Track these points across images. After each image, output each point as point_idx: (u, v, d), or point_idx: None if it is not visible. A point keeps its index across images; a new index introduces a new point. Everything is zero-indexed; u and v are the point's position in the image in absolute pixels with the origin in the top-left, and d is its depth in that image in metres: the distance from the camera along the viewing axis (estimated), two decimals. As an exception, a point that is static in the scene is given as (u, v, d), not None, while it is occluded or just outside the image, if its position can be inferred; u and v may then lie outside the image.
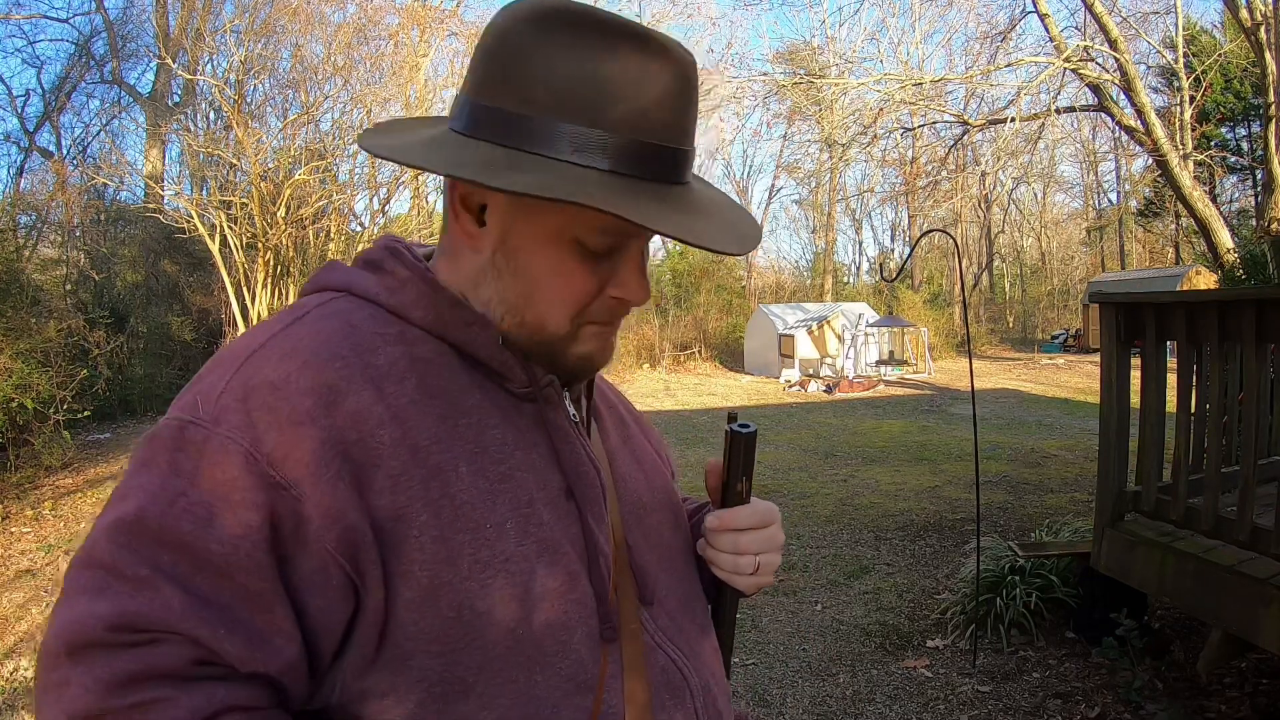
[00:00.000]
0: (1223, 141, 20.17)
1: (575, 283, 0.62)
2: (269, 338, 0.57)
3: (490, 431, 0.60)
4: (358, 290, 0.63)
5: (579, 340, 0.65)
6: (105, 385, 9.41)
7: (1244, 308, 2.57)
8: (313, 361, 0.55)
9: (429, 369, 0.60)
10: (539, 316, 0.63)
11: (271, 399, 0.53)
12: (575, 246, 0.61)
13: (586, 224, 0.60)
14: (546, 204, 0.58)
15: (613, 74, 0.56)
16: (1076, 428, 9.20)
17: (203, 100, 15.42)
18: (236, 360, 0.55)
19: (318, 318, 0.59)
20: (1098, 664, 3.16)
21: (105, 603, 0.49)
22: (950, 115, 11.08)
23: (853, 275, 32.65)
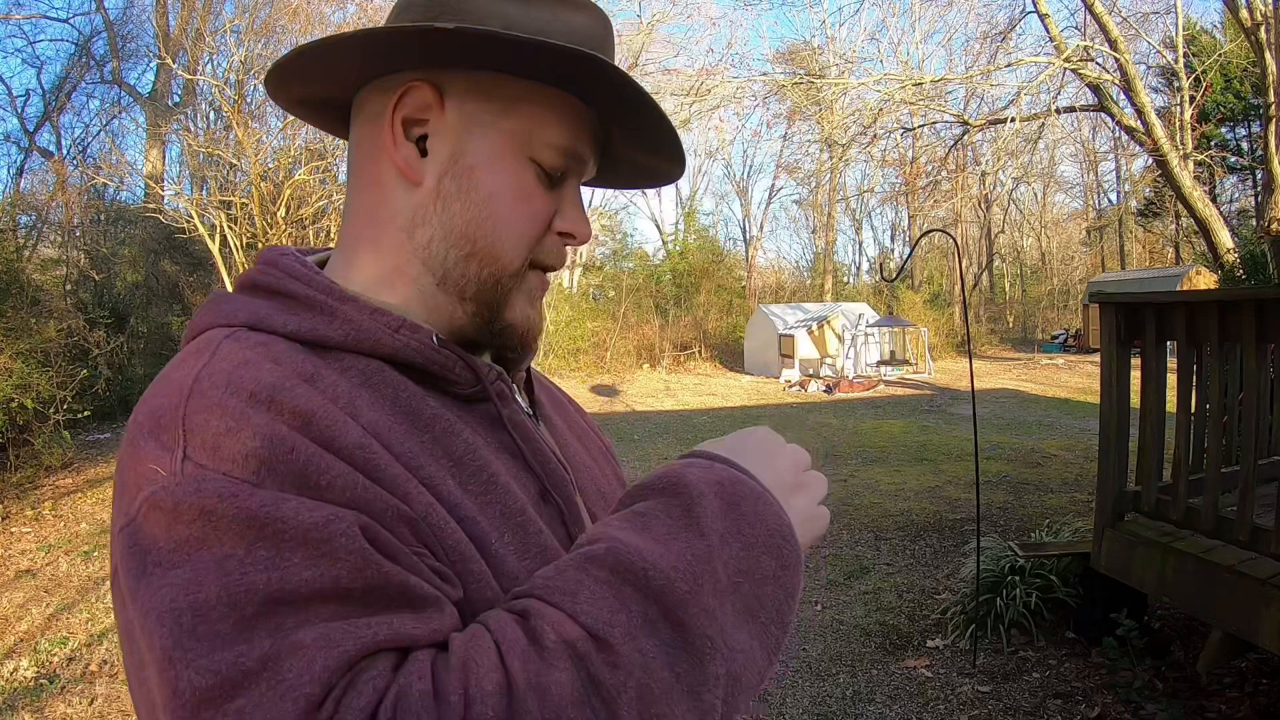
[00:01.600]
0: (1223, 141, 20.18)
1: (536, 203, 0.58)
2: (193, 380, 0.46)
3: (457, 439, 0.54)
4: (262, 324, 0.53)
5: (520, 291, 0.60)
6: (105, 385, 9.41)
7: (1244, 308, 2.57)
8: (259, 392, 0.46)
9: (373, 388, 0.52)
10: (493, 244, 0.58)
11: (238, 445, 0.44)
12: (530, 166, 0.58)
13: (542, 137, 0.58)
14: (502, 114, 0.56)
15: (549, 17, 0.57)
16: (1076, 428, 9.20)
17: (203, 100, 15.44)
18: (174, 425, 0.45)
19: (231, 354, 0.49)
20: (1098, 664, 3.16)
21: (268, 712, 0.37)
22: (950, 115, 11.08)
23: (853, 275, 32.69)
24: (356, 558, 0.42)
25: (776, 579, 0.49)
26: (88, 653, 3.92)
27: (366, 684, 0.39)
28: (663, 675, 0.41)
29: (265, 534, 0.41)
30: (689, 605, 0.43)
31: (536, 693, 0.39)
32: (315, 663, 0.38)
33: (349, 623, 0.40)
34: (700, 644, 0.43)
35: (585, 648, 0.41)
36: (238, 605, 0.39)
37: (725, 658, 0.44)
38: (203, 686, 0.38)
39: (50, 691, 3.53)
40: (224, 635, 0.38)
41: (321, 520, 0.42)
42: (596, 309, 19.92)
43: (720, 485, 0.49)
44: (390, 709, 0.37)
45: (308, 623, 0.40)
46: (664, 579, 0.43)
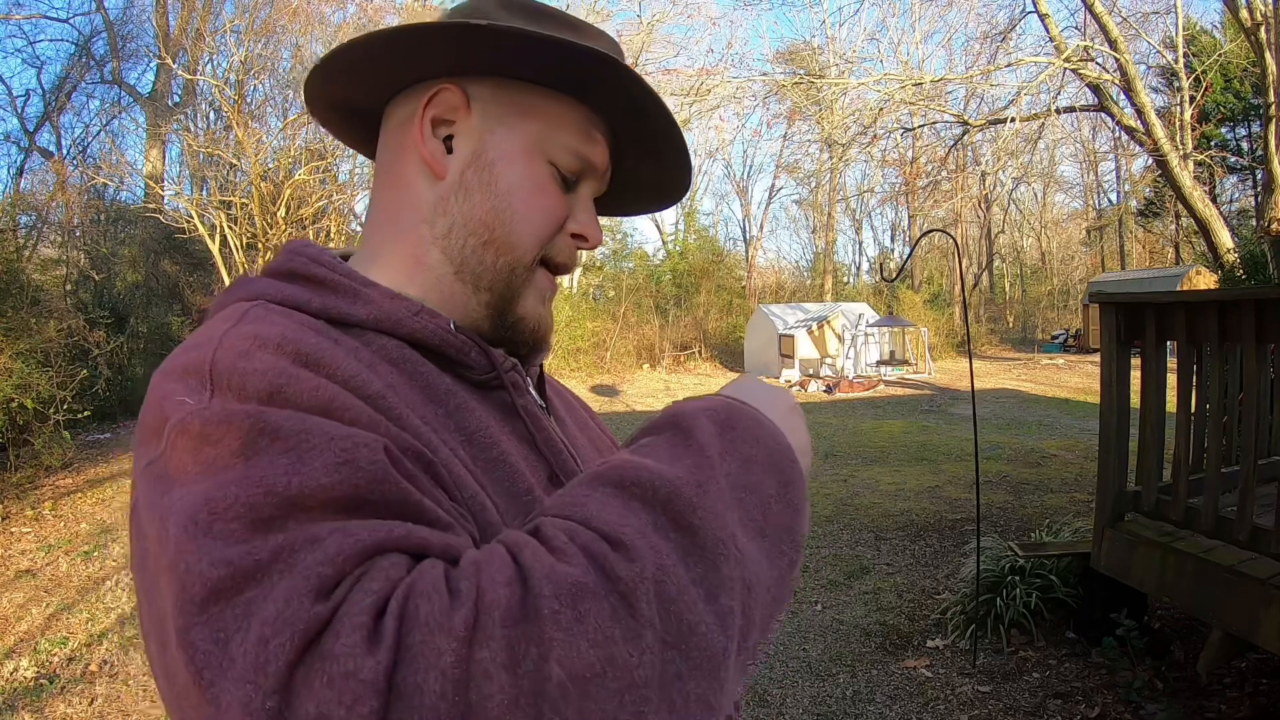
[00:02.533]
0: (1223, 141, 20.18)
1: (552, 201, 0.62)
2: (220, 337, 0.47)
3: (470, 416, 0.56)
4: (285, 301, 0.55)
5: (531, 286, 0.63)
6: (105, 385, 9.41)
7: (1244, 308, 2.57)
8: (285, 345, 0.47)
9: (393, 362, 0.55)
10: (509, 234, 0.60)
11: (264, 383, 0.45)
12: (548, 168, 0.61)
13: (560, 140, 0.61)
14: (523, 117, 0.61)
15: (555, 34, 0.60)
16: (1076, 428, 9.20)
17: (203, 100, 15.46)
18: (201, 371, 0.45)
19: (260, 317, 0.51)
20: (1098, 664, 3.16)
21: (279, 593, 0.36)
22: (950, 115, 11.08)
23: (853, 275, 32.69)
24: (379, 470, 0.41)
25: (782, 497, 0.49)
26: (88, 653, 3.92)
27: (380, 573, 0.37)
28: (679, 573, 0.40)
29: (289, 444, 0.41)
30: (698, 509, 0.43)
31: (551, 581, 0.37)
32: (330, 548, 0.37)
33: (364, 523, 0.40)
34: (714, 546, 0.42)
35: (599, 547, 0.40)
36: (256, 507, 0.38)
37: (739, 562, 0.43)
38: (214, 578, 0.37)
39: (50, 691, 3.53)
40: (239, 533, 0.38)
41: (346, 434, 0.42)
42: (596, 309, 19.92)
43: (714, 411, 0.50)
44: (402, 596, 0.36)
45: (329, 520, 0.39)
46: (670, 487, 0.43)
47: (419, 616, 0.35)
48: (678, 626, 0.39)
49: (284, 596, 0.36)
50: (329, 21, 13.88)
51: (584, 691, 0.35)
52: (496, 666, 0.34)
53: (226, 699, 0.34)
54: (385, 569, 0.38)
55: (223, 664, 0.35)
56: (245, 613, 0.36)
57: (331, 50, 0.60)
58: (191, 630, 0.36)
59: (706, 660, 0.39)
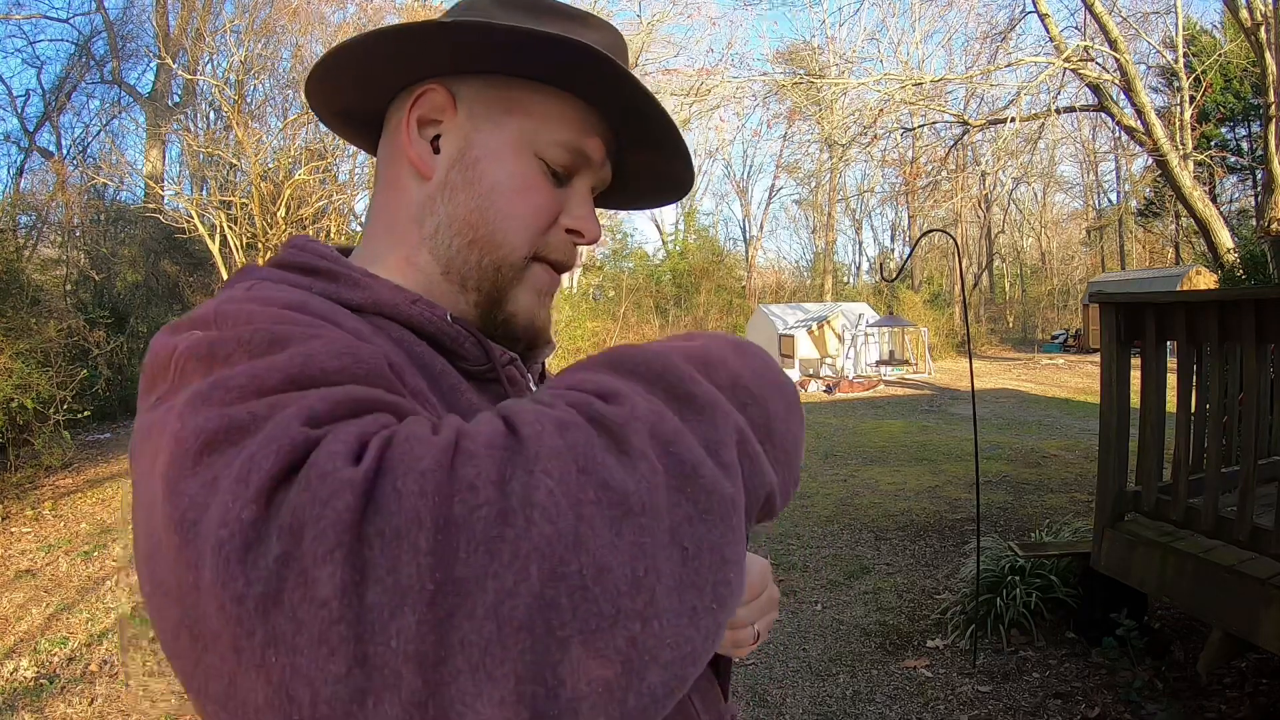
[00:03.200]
0: (1223, 141, 20.18)
1: (540, 197, 0.60)
2: (225, 299, 0.47)
3: (462, 399, 0.55)
4: (291, 283, 0.55)
5: (524, 282, 0.62)
6: (105, 385, 9.42)
7: (1244, 308, 2.57)
8: (289, 305, 0.47)
9: (392, 341, 0.55)
10: (493, 233, 0.60)
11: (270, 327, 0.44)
12: (535, 162, 0.60)
13: (548, 134, 0.60)
14: (509, 113, 0.60)
15: (554, 29, 0.58)
16: (1076, 428, 9.20)
17: (203, 100, 15.46)
18: (208, 322, 0.45)
19: (270, 288, 0.51)
20: (1098, 664, 3.16)
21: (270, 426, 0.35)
22: (950, 115, 11.08)
23: (853, 275, 32.71)
24: (378, 367, 0.42)
25: (789, 416, 0.45)
26: (88, 653, 3.92)
27: (367, 415, 0.36)
28: (674, 421, 0.37)
29: (294, 340, 0.41)
30: (697, 380, 0.40)
31: (535, 417, 0.35)
32: (323, 394, 0.37)
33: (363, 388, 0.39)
34: (711, 408, 0.39)
35: (584, 397, 0.37)
36: (258, 377, 0.37)
37: (738, 424, 0.40)
38: (209, 429, 0.35)
39: (50, 691, 3.53)
40: (240, 397, 0.37)
41: (354, 343, 0.42)
42: (596, 309, 19.93)
43: (733, 340, 0.49)
44: (388, 432, 0.34)
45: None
46: (664, 362, 0.41)
47: (402, 434, 0.34)
48: (679, 467, 0.35)
49: (274, 423, 0.34)
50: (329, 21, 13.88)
51: (578, 514, 0.32)
52: (483, 481, 0.32)
53: (206, 523, 0.32)
54: (375, 415, 0.37)
55: (209, 500, 0.33)
56: (239, 453, 0.34)
57: (317, 62, 0.61)
58: (182, 482, 0.34)
59: (716, 505, 0.36)
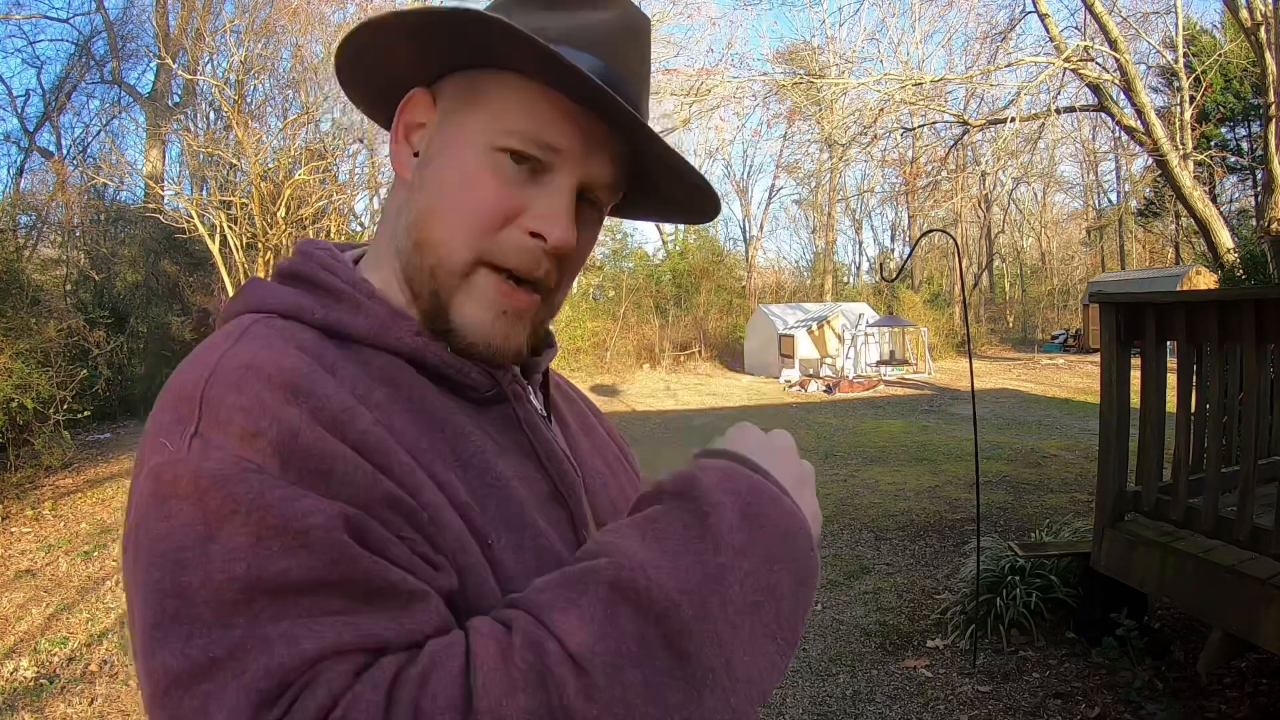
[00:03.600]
0: (1223, 141, 20.17)
1: (481, 193, 0.55)
2: (218, 360, 0.48)
3: (466, 442, 0.55)
4: (289, 312, 0.55)
5: (468, 291, 0.56)
6: (105, 385, 9.42)
7: (1244, 308, 2.57)
8: (277, 376, 0.47)
9: (391, 384, 0.54)
10: (431, 233, 0.56)
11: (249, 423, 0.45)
12: (491, 156, 0.55)
13: (503, 123, 0.55)
14: (469, 106, 0.57)
15: (577, 20, 0.57)
16: (1076, 428, 9.20)
17: (203, 100, 15.45)
18: (193, 400, 0.46)
19: (259, 336, 0.51)
20: (1098, 664, 3.16)
21: (226, 701, 0.38)
22: (950, 115, 11.08)
23: (853, 275, 32.70)
24: (335, 550, 0.42)
25: (794, 595, 0.46)
26: (88, 653, 3.92)
27: (323, 686, 0.38)
28: (647, 710, 0.38)
29: (250, 521, 0.41)
30: (694, 634, 0.40)
31: (492, 715, 0.37)
32: (274, 659, 0.39)
33: (315, 621, 0.40)
34: (701, 676, 0.40)
35: (562, 673, 0.38)
36: (218, 590, 0.40)
37: (725, 689, 0.41)
38: (174, 669, 0.39)
39: (50, 691, 3.53)
40: (201, 620, 0.40)
41: (303, 511, 0.42)
42: (596, 309, 19.91)
43: (738, 492, 0.47)
44: (340, 715, 0.37)
45: (283, 615, 0.40)
46: (668, 602, 0.41)
47: None
48: None
49: (230, 707, 0.38)
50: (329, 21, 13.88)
51: None
52: None
53: None
54: (329, 682, 0.39)
55: None
56: (202, 706, 0.38)
57: (336, 69, 0.61)
58: (154, 713, 0.40)
59: None
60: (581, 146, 0.56)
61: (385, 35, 0.57)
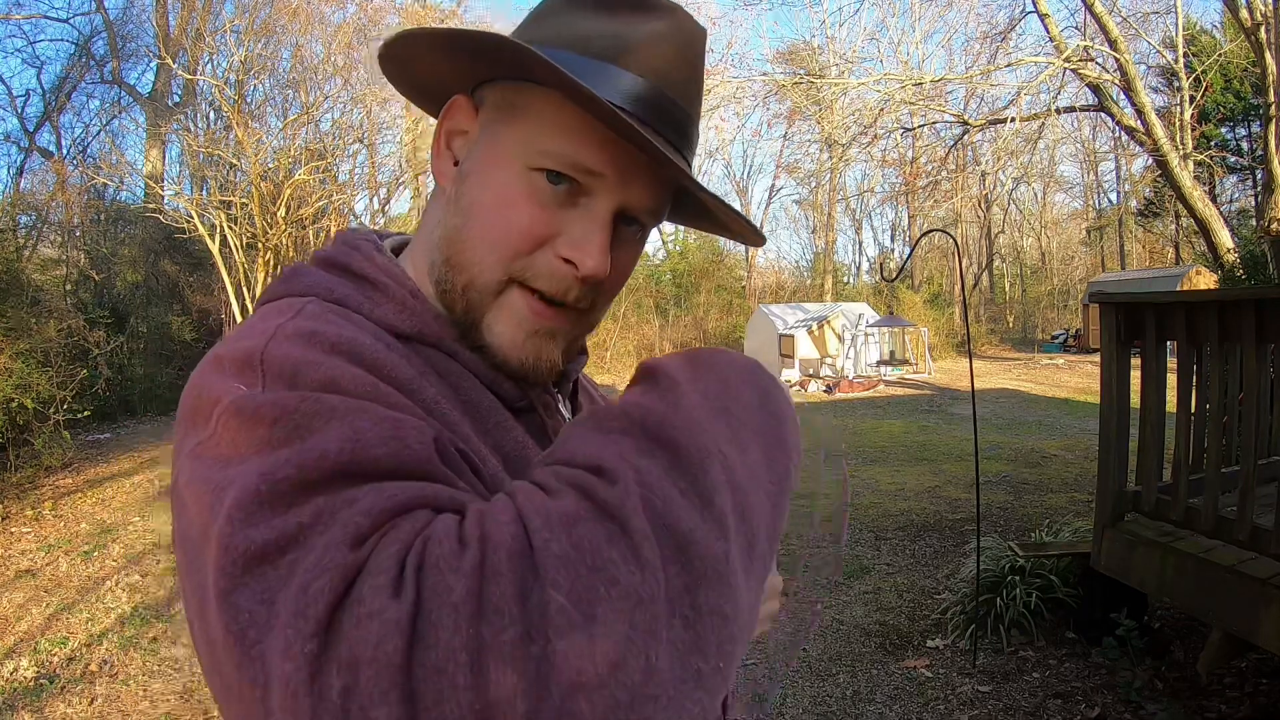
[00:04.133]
0: (1223, 141, 20.17)
1: (516, 215, 0.55)
2: (276, 328, 0.48)
3: (509, 436, 0.57)
4: (336, 301, 0.55)
5: (500, 309, 0.57)
6: (105, 385, 9.42)
7: (1244, 308, 2.57)
8: (340, 344, 0.47)
9: (439, 374, 0.55)
10: (462, 253, 0.57)
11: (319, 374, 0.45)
12: (528, 177, 0.55)
13: (535, 143, 0.55)
14: (508, 122, 0.56)
15: (633, 31, 0.56)
16: (1076, 428, 9.20)
17: (203, 100, 15.45)
18: (252, 363, 0.46)
19: (316, 314, 0.51)
20: (1098, 664, 3.16)
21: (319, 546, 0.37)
22: (950, 115, 11.08)
23: (853, 275, 32.68)
24: (425, 451, 0.43)
25: (764, 405, 0.49)
26: (88, 653, 3.92)
27: (406, 524, 0.39)
28: (664, 486, 0.41)
29: (344, 419, 0.42)
30: (675, 425, 0.43)
31: (542, 514, 0.38)
32: (364, 504, 0.39)
33: (402, 483, 0.41)
34: (697, 456, 0.42)
35: (584, 478, 0.40)
36: (306, 470, 0.39)
37: (725, 466, 0.43)
38: (260, 542, 0.38)
39: (50, 691, 3.53)
40: (289, 499, 0.39)
41: (395, 417, 0.43)
42: (596, 309, 19.90)
43: (678, 354, 0.51)
44: (421, 544, 0.38)
45: (365, 486, 0.40)
46: (642, 410, 0.44)
47: (433, 560, 0.36)
48: (673, 538, 0.39)
49: (323, 546, 0.37)
50: (329, 21, 13.89)
51: (590, 615, 0.35)
52: (505, 600, 0.35)
53: (270, 649, 0.35)
54: (412, 521, 0.39)
55: (269, 620, 0.36)
56: (289, 572, 0.37)
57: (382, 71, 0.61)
58: (235, 593, 0.37)
59: (710, 567, 0.39)
60: (619, 174, 0.55)
61: (414, 49, 0.58)
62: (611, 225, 0.56)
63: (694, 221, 0.72)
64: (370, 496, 0.39)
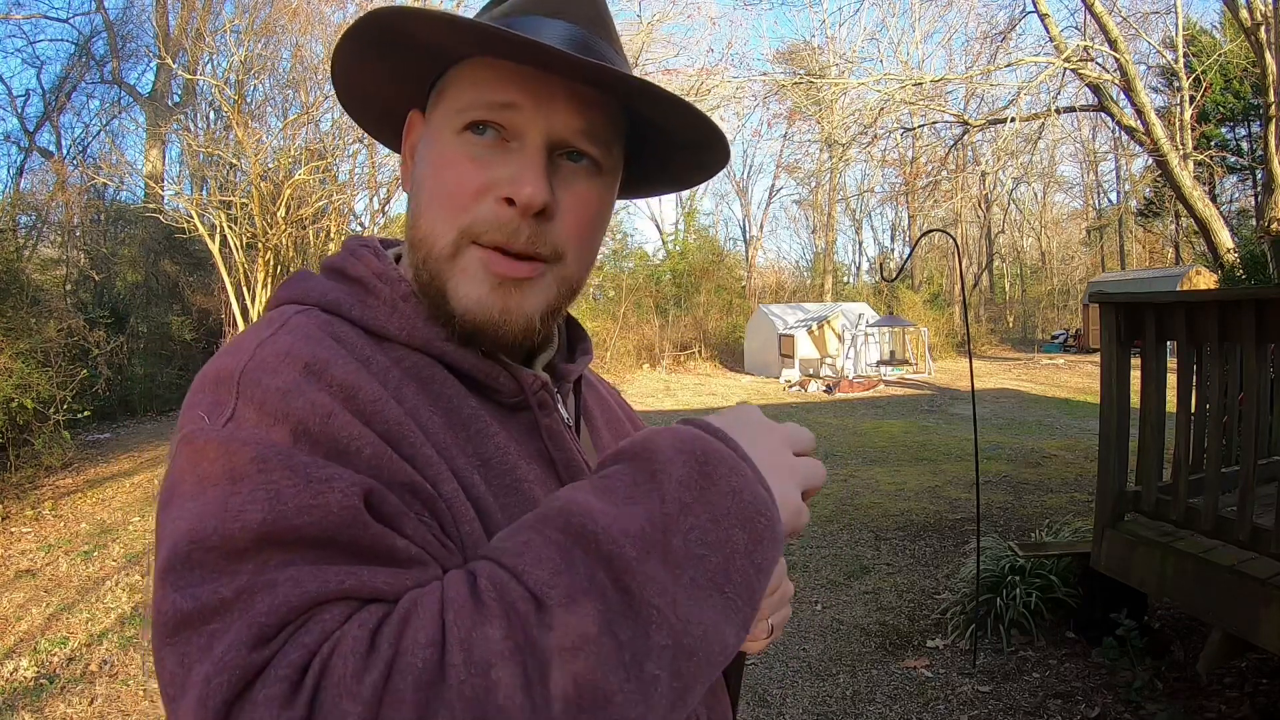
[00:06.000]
0: (1223, 141, 20.17)
1: (450, 173, 0.57)
2: (256, 347, 0.51)
3: (489, 442, 0.57)
4: (330, 306, 0.57)
5: (459, 270, 0.57)
6: (105, 385, 9.41)
7: (1244, 308, 2.57)
8: (313, 364, 0.50)
9: (421, 381, 0.56)
10: (419, 230, 0.58)
11: (283, 403, 0.47)
12: (456, 140, 0.57)
13: (454, 104, 0.58)
14: (438, 104, 0.60)
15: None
16: (1076, 428, 9.20)
17: (203, 100, 15.43)
18: (230, 383, 0.48)
19: (299, 327, 0.53)
20: (1098, 664, 3.16)
21: (228, 636, 0.39)
22: (950, 115, 11.08)
23: (853, 275, 32.68)
24: (349, 514, 0.43)
25: (748, 553, 0.46)
26: (88, 653, 3.92)
27: (315, 625, 0.40)
28: (601, 641, 0.40)
29: (271, 479, 0.43)
30: (636, 573, 0.42)
31: (464, 646, 0.39)
32: (278, 598, 0.40)
33: (320, 568, 0.42)
34: (646, 613, 0.41)
35: (524, 607, 0.40)
36: (231, 539, 0.42)
37: (672, 629, 0.42)
38: (185, 610, 0.41)
39: (50, 691, 3.53)
40: (213, 566, 0.41)
41: (325, 476, 0.44)
42: (596, 309, 19.91)
43: (692, 453, 0.47)
44: (328, 651, 0.39)
45: (290, 564, 0.42)
46: (612, 543, 0.42)
47: (333, 676, 0.38)
48: (592, 697, 0.39)
49: (230, 640, 0.39)
50: (329, 21, 13.86)
51: None
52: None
53: (183, 713, 0.39)
54: (323, 621, 0.40)
55: (184, 687, 0.40)
56: (208, 643, 0.40)
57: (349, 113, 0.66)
58: (163, 650, 0.41)
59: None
60: (535, 100, 0.56)
61: (349, 58, 0.61)
62: (545, 155, 0.56)
63: (656, 178, 0.71)
64: (286, 587, 0.40)
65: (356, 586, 0.42)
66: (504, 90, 0.55)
